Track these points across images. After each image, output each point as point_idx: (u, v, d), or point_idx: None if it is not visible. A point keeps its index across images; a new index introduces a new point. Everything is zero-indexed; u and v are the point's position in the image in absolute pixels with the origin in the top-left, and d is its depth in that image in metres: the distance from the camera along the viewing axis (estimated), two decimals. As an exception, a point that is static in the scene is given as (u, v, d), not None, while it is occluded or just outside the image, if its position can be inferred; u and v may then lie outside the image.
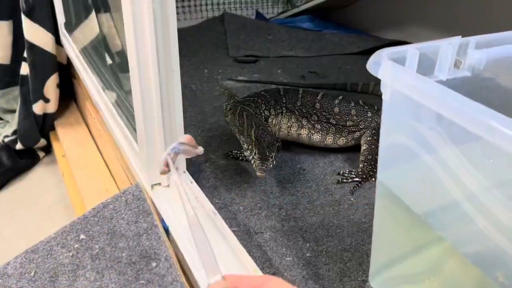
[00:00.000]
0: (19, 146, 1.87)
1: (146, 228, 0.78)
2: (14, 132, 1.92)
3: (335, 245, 0.95)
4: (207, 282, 0.41)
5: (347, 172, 1.17)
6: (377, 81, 1.72)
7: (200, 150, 0.73)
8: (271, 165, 0.99)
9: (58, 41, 1.90)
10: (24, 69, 1.88)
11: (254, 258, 0.80)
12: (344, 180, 1.15)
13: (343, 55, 2.08)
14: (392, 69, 0.63)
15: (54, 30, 1.84)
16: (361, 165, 1.16)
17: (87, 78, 1.49)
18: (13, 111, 2.08)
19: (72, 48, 1.74)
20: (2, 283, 0.77)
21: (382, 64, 0.64)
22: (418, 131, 0.65)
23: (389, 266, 0.83)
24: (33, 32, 1.78)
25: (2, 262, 1.40)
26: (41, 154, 1.95)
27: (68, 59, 2.02)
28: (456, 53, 0.73)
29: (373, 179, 1.14)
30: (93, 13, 1.74)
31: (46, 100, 1.89)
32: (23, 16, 1.76)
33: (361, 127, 1.22)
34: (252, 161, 1.02)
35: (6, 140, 1.90)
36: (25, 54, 1.87)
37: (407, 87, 0.59)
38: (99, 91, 1.35)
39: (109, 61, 1.63)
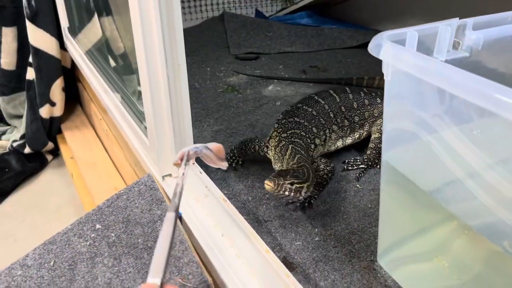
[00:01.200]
0: (27, 150, 1.90)
1: (160, 215, 0.80)
2: (22, 137, 1.95)
3: (343, 229, 0.97)
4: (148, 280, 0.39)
5: (352, 160, 1.20)
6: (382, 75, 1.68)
7: (225, 164, 0.75)
8: (288, 192, 0.90)
9: (61, 46, 1.93)
10: (30, 74, 1.92)
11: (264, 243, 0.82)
12: (349, 168, 1.17)
13: (342, 49, 2.11)
14: (393, 50, 0.65)
15: (58, 34, 1.87)
16: (368, 152, 1.19)
17: (94, 79, 1.52)
18: (20, 116, 2.12)
19: (77, 51, 1.77)
20: (23, 273, 0.80)
21: (383, 46, 0.67)
22: (421, 109, 0.67)
23: (397, 245, 0.85)
24: (38, 37, 1.81)
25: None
26: (49, 157, 1.98)
27: (72, 63, 2.06)
28: (454, 35, 0.75)
29: (378, 166, 1.17)
30: (96, 16, 1.77)
31: (52, 104, 1.92)
32: (27, 22, 1.79)
33: (376, 115, 1.23)
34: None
35: (15, 144, 1.93)
36: (30, 59, 1.90)
37: (409, 65, 0.62)
38: (107, 91, 1.37)
39: (114, 62, 1.66)
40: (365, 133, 1.24)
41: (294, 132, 1.11)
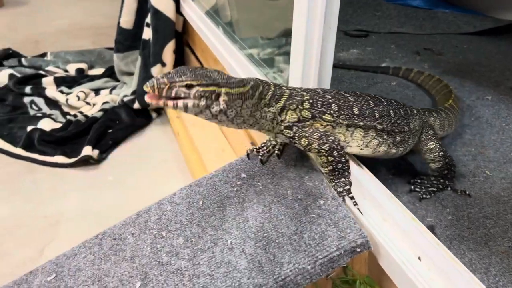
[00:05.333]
0: (136, 105, 2.02)
1: (306, 171, 0.82)
2: (133, 93, 2.07)
3: (476, 212, 0.94)
4: None
5: (419, 181, 1.02)
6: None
7: None
8: (184, 99, 0.72)
9: (176, 10, 2.01)
10: (147, 34, 2.02)
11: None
12: (417, 189, 1.00)
13: (457, 34, 2.00)
14: None
15: (175, -3, 1.95)
16: (433, 178, 1.03)
17: (216, 40, 1.57)
18: (130, 74, 2.25)
19: (196, 13, 1.83)
20: (172, 209, 0.86)
21: None
22: None
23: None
24: (159, -1, 1.90)
25: (130, 206, 1.54)
26: (153, 114, 2.09)
27: (183, 28, 2.14)
28: None
29: (449, 187, 1.01)
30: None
31: (163, 64, 2.01)
32: (151, -17, 1.88)
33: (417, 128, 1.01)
34: None
35: (125, 99, 2.06)
36: (148, 20, 2.00)
37: None
38: (232, 52, 1.41)
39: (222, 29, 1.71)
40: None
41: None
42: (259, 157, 0.91)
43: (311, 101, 0.83)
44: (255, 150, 0.93)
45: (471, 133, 1.23)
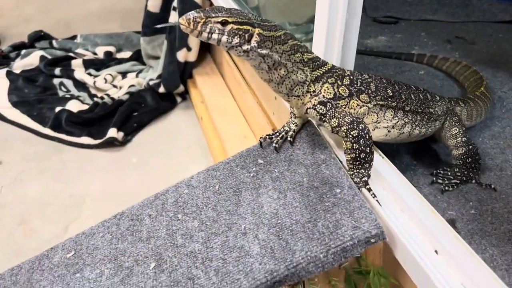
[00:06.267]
0: (161, 89, 2.04)
1: (324, 159, 0.81)
2: (159, 77, 2.09)
3: (501, 208, 0.91)
4: None
5: (441, 172, 0.99)
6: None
7: None
8: (218, 35, 0.72)
9: (203, -6, 2.00)
10: (173, 18, 2.03)
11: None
12: (439, 181, 0.97)
13: (492, 23, 1.92)
14: None
15: (202, -19, 1.94)
16: (457, 169, 0.99)
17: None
18: (156, 57, 2.26)
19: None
20: (189, 192, 0.87)
21: None
22: None
23: None
24: (186, -18, 1.90)
25: (152, 188, 1.56)
26: (178, 99, 2.11)
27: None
28: None
29: (474, 180, 0.97)
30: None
31: (189, 49, 2.02)
32: (178, -34, 1.88)
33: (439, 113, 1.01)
34: None
35: (151, 83, 2.08)
36: (174, 4, 2.01)
37: None
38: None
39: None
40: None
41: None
42: (274, 144, 0.90)
43: (351, 77, 0.85)
44: (267, 137, 0.92)
45: (501, 126, 1.19)
